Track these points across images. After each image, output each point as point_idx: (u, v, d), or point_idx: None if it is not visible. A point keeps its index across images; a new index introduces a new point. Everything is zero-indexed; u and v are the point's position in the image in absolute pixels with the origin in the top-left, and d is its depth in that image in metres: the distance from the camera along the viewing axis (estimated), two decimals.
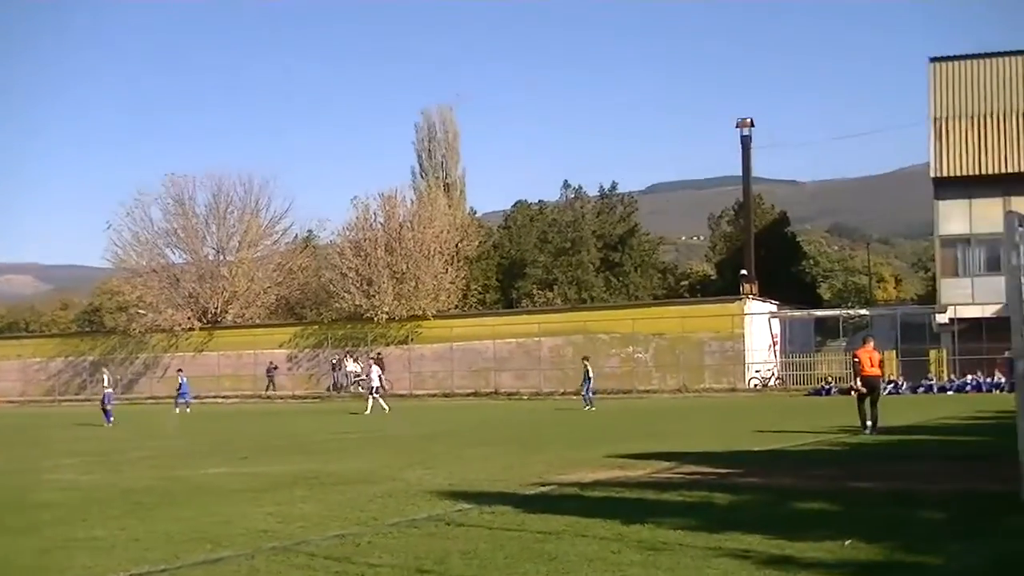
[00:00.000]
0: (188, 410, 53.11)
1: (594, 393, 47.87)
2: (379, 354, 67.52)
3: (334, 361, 75.35)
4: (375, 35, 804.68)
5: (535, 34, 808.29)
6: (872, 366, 28.52)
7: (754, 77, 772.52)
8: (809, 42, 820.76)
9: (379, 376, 49.19)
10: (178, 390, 55.46)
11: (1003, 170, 64.35)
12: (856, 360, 29.15)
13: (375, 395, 47.25)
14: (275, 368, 76.37)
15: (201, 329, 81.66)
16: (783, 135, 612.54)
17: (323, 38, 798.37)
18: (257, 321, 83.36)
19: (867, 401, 27.60)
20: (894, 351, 63.67)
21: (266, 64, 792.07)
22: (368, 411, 45.80)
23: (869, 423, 27.20)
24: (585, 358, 49.68)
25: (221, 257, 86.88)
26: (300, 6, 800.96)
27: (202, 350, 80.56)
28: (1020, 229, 12.78)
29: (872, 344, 29.87)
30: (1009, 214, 12.86)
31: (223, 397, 74.71)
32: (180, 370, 60.83)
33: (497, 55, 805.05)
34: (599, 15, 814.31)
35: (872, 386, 28.04)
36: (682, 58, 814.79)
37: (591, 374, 47.01)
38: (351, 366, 73.07)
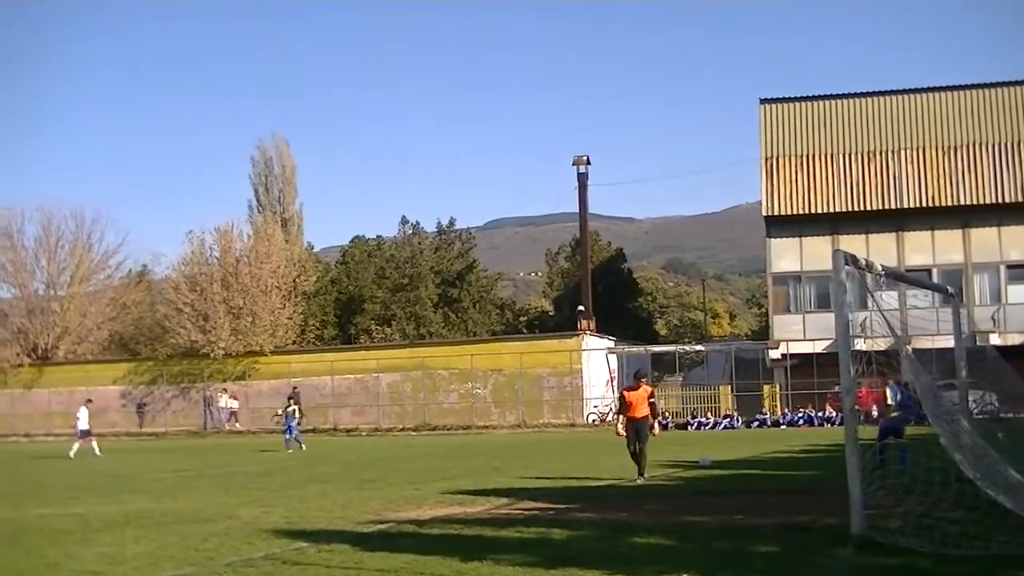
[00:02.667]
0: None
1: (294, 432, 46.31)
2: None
3: (207, 395, 73.69)
4: (209, 65, 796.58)
5: (371, 68, 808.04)
6: (640, 407, 25.35)
7: (589, 114, 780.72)
8: (644, 80, 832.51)
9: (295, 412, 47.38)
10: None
11: (831, 209, 65.86)
12: (621, 400, 26.17)
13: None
14: (145, 406, 74.32)
15: (31, 365, 79.80)
16: (619, 172, 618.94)
17: (156, 66, 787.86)
18: (90, 357, 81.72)
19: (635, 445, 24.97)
20: (729, 386, 64.84)
21: (98, 92, 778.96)
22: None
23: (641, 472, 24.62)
24: (291, 396, 48.80)
25: (51, 292, 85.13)
26: (133, 30, 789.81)
27: (32, 387, 78.63)
28: (847, 267, 13.09)
29: (645, 383, 26.54)
30: (837, 252, 13.16)
31: (54, 435, 72.92)
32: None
33: (333, 87, 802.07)
34: (437, 49, 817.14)
35: (636, 429, 25.17)
36: (519, 94, 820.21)
37: (298, 413, 46.49)
38: (224, 402, 71.88)
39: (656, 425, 26.49)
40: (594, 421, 65.03)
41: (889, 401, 23.50)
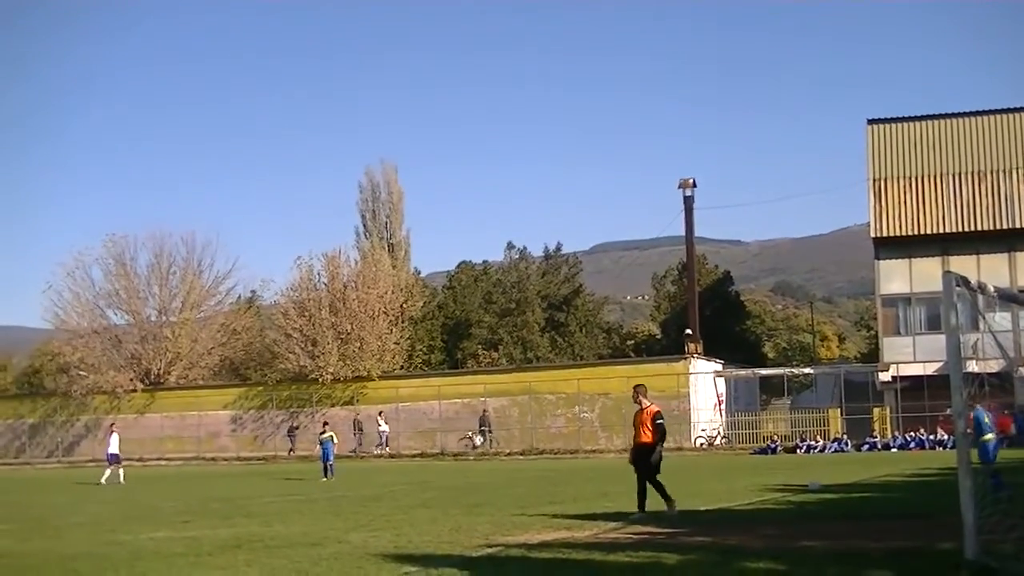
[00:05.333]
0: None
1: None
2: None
3: (357, 419, 72.18)
4: (319, 93, 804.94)
5: (479, 93, 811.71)
6: (642, 431, 22.49)
7: (697, 137, 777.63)
8: (751, 102, 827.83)
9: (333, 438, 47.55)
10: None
11: (941, 230, 64.98)
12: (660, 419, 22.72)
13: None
14: (296, 429, 72.94)
15: (143, 391, 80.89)
16: (726, 195, 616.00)
17: (267, 95, 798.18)
18: (200, 382, 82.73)
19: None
20: (838, 409, 64.12)
21: (209, 121, 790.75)
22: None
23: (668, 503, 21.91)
24: (326, 423, 48.56)
25: (164, 318, 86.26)
26: (244, 64, 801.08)
27: (144, 412, 79.75)
28: (958, 289, 12.92)
29: (645, 398, 23.16)
30: (947, 274, 12.99)
31: (166, 459, 74.04)
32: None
33: (442, 114, 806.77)
34: (542, 75, 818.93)
35: (637, 456, 22.61)
36: (625, 118, 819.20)
37: (335, 440, 45.92)
38: (383, 425, 70.53)
39: (659, 453, 22.24)
40: (702, 445, 64.65)
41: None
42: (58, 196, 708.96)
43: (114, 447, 47.58)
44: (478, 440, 65.37)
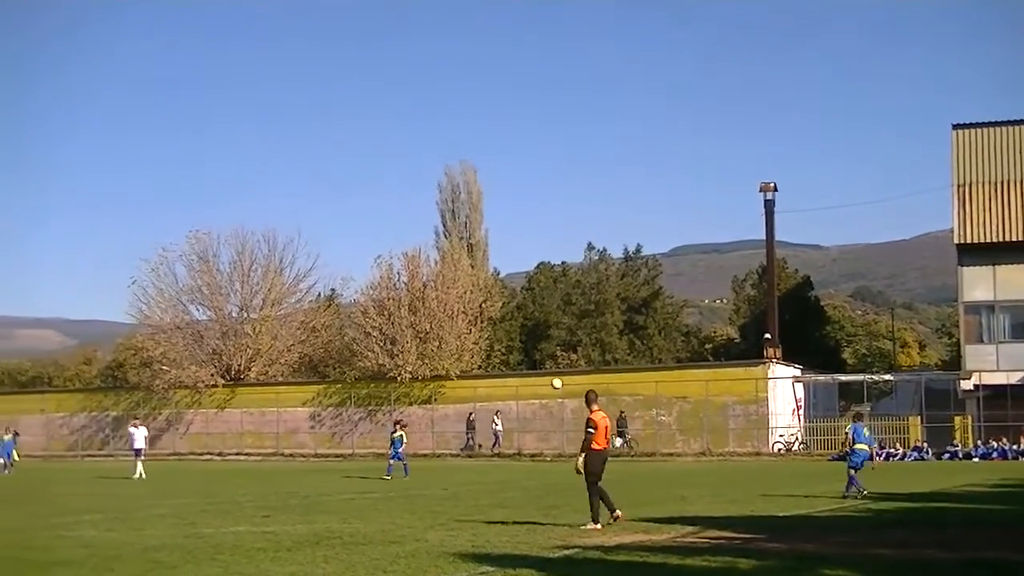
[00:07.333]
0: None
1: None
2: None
3: (470, 417, 71.29)
4: (399, 92, 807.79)
5: (559, 94, 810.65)
6: (605, 437, 21.65)
7: (777, 141, 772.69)
8: (833, 106, 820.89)
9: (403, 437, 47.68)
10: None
11: None
12: (592, 427, 21.47)
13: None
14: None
15: (224, 386, 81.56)
16: (805, 200, 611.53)
17: (347, 95, 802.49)
18: (280, 379, 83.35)
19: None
20: (918, 417, 63.49)
21: (290, 121, 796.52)
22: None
23: (614, 513, 20.87)
24: (397, 422, 48.19)
25: (245, 314, 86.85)
26: (323, 64, 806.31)
27: (224, 407, 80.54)
28: None
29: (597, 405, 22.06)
30: None
31: (245, 454, 74.72)
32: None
33: (521, 114, 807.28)
34: (624, 76, 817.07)
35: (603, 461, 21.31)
36: (706, 121, 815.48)
37: (405, 439, 45.63)
38: (499, 423, 70.29)
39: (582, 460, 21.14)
40: (780, 450, 64.30)
41: None
42: (141, 193, 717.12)
43: (139, 442, 48.90)
44: (618, 442, 65.05)
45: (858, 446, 29.83)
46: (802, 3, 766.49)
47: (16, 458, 56.50)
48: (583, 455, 21.07)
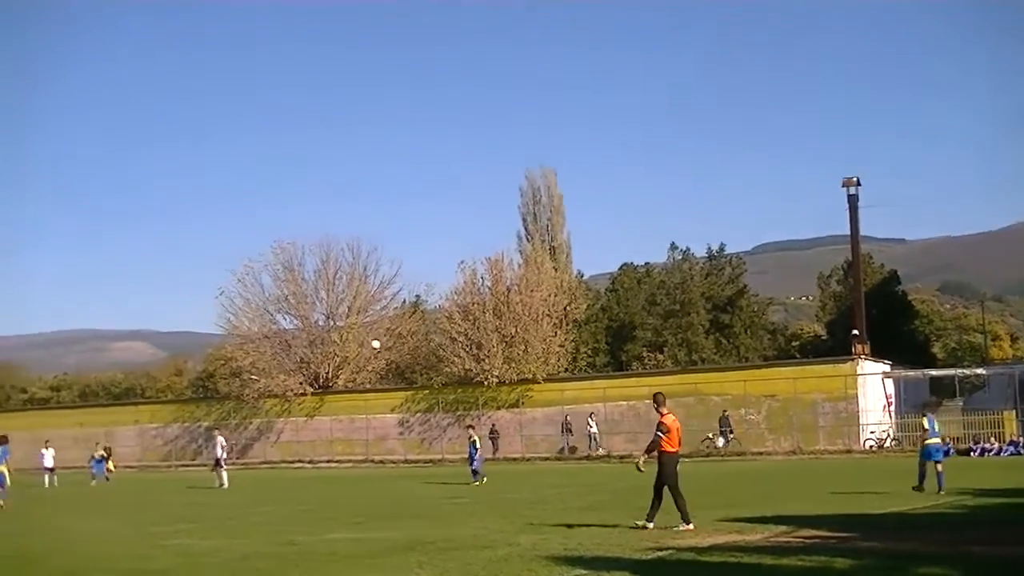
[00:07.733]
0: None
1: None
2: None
3: (565, 420, 70.71)
4: (479, 98, 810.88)
5: (639, 96, 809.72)
6: (677, 439, 21.49)
7: (859, 135, 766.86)
8: (912, 100, 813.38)
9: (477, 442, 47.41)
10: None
11: None
12: (663, 430, 21.27)
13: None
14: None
15: (313, 394, 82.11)
16: (888, 194, 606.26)
17: (429, 103, 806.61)
18: (368, 386, 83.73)
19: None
20: (1013, 411, 62.53)
21: (374, 129, 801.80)
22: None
23: (649, 522, 20.81)
24: (470, 426, 48.37)
25: (331, 322, 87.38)
26: (406, 74, 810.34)
27: (314, 415, 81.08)
28: None
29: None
30: None
31: (335, 462, 75.18)
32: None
33: (600, 117, 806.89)
34: (703, 77, 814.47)
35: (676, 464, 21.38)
36: (787, 117, 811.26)
37: (479, 444, 44.63)
38: (594, 426, 69.51)
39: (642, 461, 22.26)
40: (872, 447, 63.65)
41: None
42: (227, 205, 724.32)
43: (219, 451, 49.68)
44: (720, 442, 64.85)
45: (931, 441, 29.35)
46: None
47: (111, 469, 57.85)
48: (645, 455, 21.58)
